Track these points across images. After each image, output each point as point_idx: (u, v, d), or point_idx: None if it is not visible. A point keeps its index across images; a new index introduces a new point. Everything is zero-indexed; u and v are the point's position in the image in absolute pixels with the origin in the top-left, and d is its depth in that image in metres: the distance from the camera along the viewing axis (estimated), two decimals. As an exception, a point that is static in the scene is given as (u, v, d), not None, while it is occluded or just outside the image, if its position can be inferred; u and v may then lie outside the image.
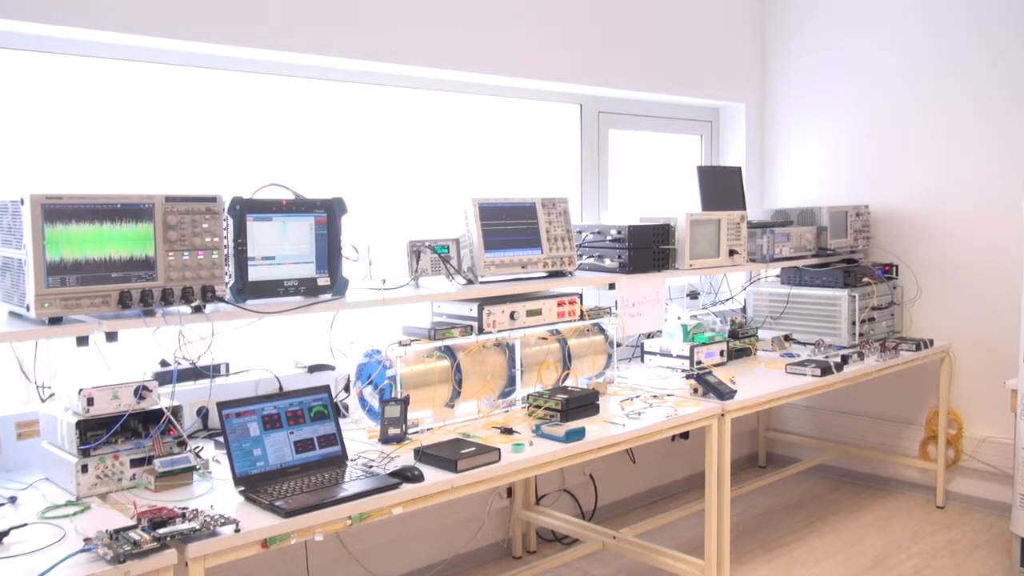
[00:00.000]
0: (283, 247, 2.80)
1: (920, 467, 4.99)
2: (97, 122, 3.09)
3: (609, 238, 3.89)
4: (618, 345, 3.96)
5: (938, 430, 4.82)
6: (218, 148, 3.36)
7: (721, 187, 4.73)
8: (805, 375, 4.01)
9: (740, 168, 5.00)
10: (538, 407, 3.27)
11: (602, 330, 3.86)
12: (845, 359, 4.22)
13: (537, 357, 3.58)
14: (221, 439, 2.67)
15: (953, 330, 4.83)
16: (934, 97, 4.83)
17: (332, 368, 3.41)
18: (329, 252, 2.89)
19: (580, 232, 4.00)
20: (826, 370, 4.02)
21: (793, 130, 5.45)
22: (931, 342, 4.67)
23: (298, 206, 2.84)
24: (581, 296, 3.71)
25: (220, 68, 3.32)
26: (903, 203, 5.00)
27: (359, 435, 3.06)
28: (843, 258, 4.92)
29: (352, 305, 2.97)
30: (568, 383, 3.67)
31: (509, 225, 3.48)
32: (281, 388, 3.21)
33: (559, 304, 3.58)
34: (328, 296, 2.91)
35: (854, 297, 4.62)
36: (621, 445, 3.18)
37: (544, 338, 3.64)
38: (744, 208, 4.78)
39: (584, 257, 3.96)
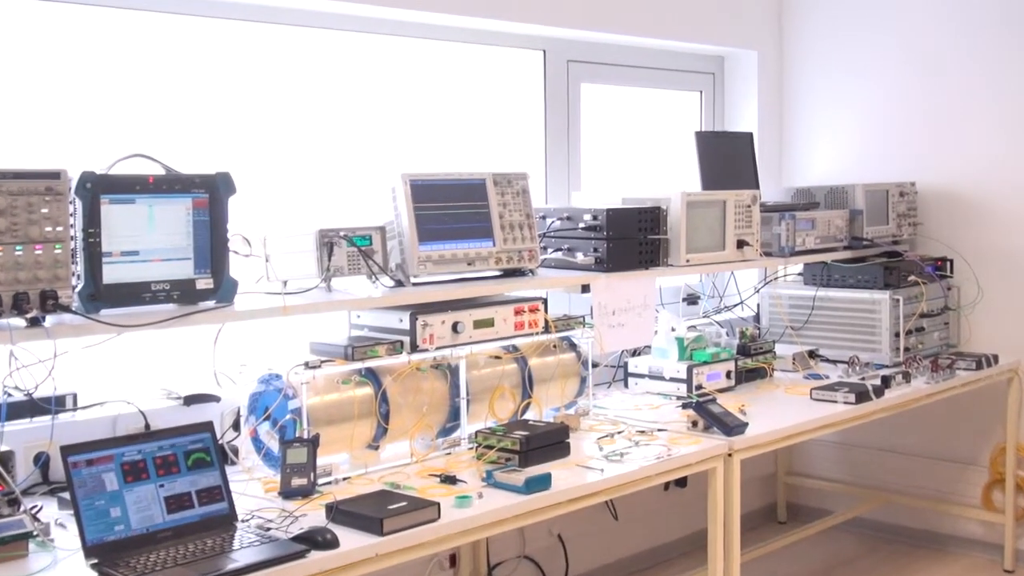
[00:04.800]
0: (150, 239, 2.77)
1: (984, 520, 5.09)
2: None
3: (582, 225, 3.91)
4: (594, 365, 3.98)
5: (1006, 472, 4.92)
6: (62, 105, 3.32)
7: (727, 159, 4.78)
8: (836, 402, 4.06)
9: (751, 134, 5.06)
10: (490, 448, 3.28)
11: (573, 346, 3.87)
12: (886, 381, 4.28)
13: (488, 382, 3.59)
14: (67, 495, 2.63)
15: (1023, 343, 4.95)
16: (1003, 47, 4.92)
17: (216, 399, 3.39)
18: (212, 245, 2.88)
19: (544, 218, 4.01)
20: (862, 395, 4.08)
21: (820, 85, 5.52)
22: (995, 359, 4.76)
23: (170, 184, 2.82)
24: (545, 302, 3.73)
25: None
26: (960, 180, 5.09)
27: (253, 487, 3.04)
28: (883, 251, 4.99)
29: (243, 315, 2.95)
30: (529, 416, 3.68)
31: (451, 209, 3.48)
32: (148, 426, 3.18)
33: (517, 312, 3.59)
34: (210, 303, 2.89)
35: (897, 301, 4.70)
36: (599, 496, 3.19)
37: (497, 357, 3.65)
38: (757, 186, 4.84)
39: (549, 251, 3.97)
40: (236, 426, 3.34)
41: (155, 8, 3.48)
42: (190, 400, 3.36)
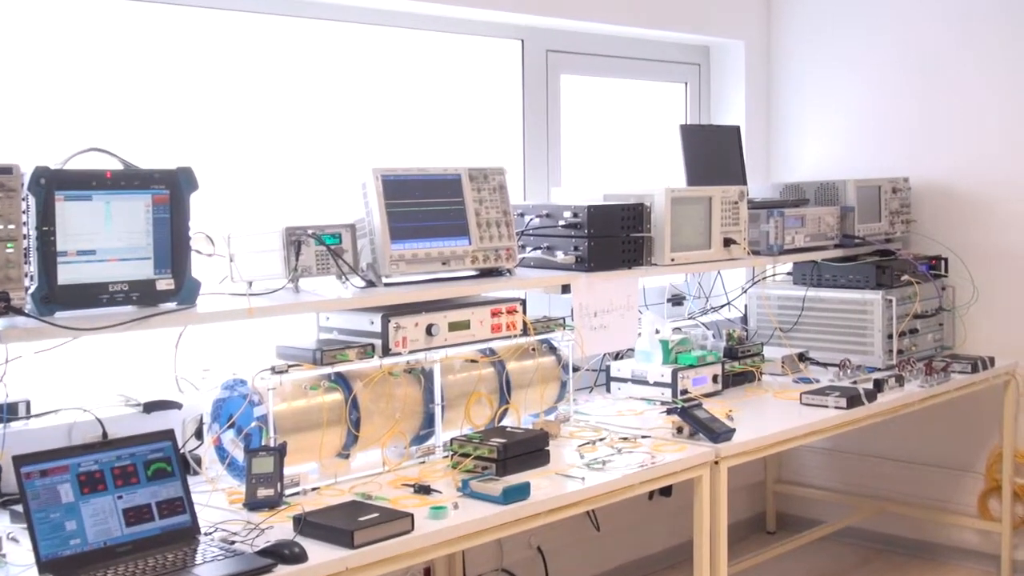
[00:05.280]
0: (107, 237, 2.76)
1: (980, 528, 5.12)
2: None
3: (562, 223, 3.91)
4: (575, 369, 3.98)
5: (1002, 479, 4.95)
6: (14, 97, 3.29)
7: (713, 153, 4.79)
8: (827, 407, 4.08)
9: (738, 128, 5.07)
10: (466, 456, 3.28)
11: (553, 349, 3.88)
12: (879, 385, 4.31)
13: (464, 387, 3.58)
14: (19, 508, 2.62)
15: (1021, 345, 4.97)
16: (999, 40, 4.95)
17: (178, 406, 3.37)
18: (173, 244, 2.86)
19: (522, 215, 4.01)
20: (854, 400, 4.10)
21: (810, 77, 5.55)
22: (992, 361, 4.80)
23: (128, 180, 2.80)
24: (524, 303, 3.73)
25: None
26: (955, 176, 5.12)
27: (216, 499, 3.03)
28: (875, 249, 5.02)
29: (206, 318, 2.94)
30: (507, 422, 3.68)
31: (424, 206, 3.48)
32: (105, 435, 3.16)
33: (494, 314, 3.59)
34: (171, 305, 2.88)
35: (890, 301, 4.72)
36: (580, 506, 3.19)
37: (474, 360, 3.65)
38: (744, 182, 4.86)
39: (528, 249, 3.97)
40: (199, 434, 3.32)
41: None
42: (150, 407, 3.35)
